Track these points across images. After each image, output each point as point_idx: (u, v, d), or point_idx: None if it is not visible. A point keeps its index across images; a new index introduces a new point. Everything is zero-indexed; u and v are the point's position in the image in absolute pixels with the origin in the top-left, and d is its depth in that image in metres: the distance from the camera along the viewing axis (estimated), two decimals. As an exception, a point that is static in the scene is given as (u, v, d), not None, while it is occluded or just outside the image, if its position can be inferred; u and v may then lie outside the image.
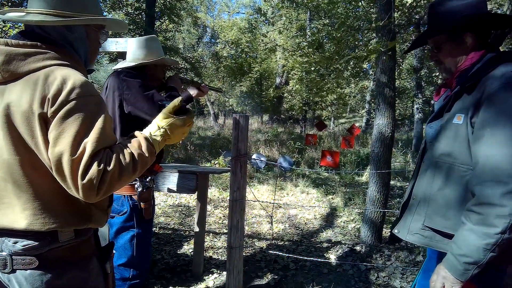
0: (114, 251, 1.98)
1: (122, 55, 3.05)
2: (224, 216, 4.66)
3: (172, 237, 3.80)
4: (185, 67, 15.98)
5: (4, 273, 0.99)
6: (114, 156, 0.95)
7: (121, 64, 2.09)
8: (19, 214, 0.97)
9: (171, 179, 2.86)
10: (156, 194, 5.49)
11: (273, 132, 13.95)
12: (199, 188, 2.90)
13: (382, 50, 3.38)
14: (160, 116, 1.12)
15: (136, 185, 1.91)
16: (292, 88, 14.31)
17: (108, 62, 14.41)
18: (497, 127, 1.06)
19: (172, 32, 15.75)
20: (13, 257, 0.98)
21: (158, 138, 1.08)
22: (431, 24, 1.36)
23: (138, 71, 2.01)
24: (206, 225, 3.66)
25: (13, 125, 0.94)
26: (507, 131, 1.04)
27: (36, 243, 0.98)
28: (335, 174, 7.10)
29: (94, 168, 0.91)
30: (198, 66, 16.44)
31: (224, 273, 2.83)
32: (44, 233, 0.99)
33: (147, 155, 1.02)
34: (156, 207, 4.93)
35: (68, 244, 1.04)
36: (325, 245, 3.68)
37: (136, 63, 2.01)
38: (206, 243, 3.50)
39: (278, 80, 18.67)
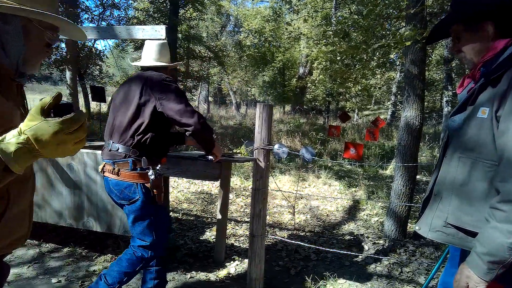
0: (132, 235, 2.05)
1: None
2: (245, 204, 4.69)
3: (194, 223, 3.87)
4: (208, 55, 16.02)
5: None
6: None
7: (147, 62, 2.17)
8: None
9: (196, 166, 2.89)
10: (179, 181, 5.59)
11: (295, 122, 13.84)
12: (222, 176, 2.91)
13: (418, 38, 3.24)
14: (27, 117, 0.77)
15: (149, 173, 1.98)
16: (316, 78, 14.10)
17: (133, 50, 14.64)
18: None
19: (196, 20, 15.78)
20: None
21: (12, 148, 0.74)
22: (451, 12, 1.29)
23: (159, 71, 2.13)
24: (228, 213, 3.69)
25: None
26: None
27: None
28: (359, 167, 6.99)
29: None
30: (221, 55, 16.44)
31: (246, 260, 2.86)
32: None
33: None
34: (179, 194, 5.02)
35: None
36: (347, 237, 3.64)
37: (164, 64, 2.16)
38: (228, 231, 3.54)
39: (301, 70, 18.41)
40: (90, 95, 8.97)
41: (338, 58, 8.07)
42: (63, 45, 10.12)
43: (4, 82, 0.93)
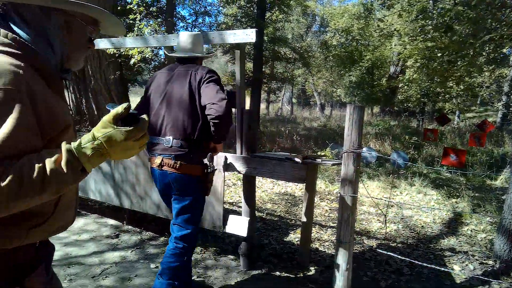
0: (175, 224, 2.18)
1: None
2: (330, 209, 4.55)
3: (278, 224, 3.88)
4: (293, 57, 16.04)
5: None
6: (13, 169, 0.76)
7: (182, 53, 2.26)
8: None
9: (282, 168, 2.88)
10: (263, 180, 5.69)
11: (384, 125, 12.99)
12: (308, 179, 2.85)
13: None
14: (99, 124, 0.88)
15: (209, 169, 2.14)
16: (409, 78, 13.01)
17: (222, 54, 15.42)
18: None
19: (282, 22, 15.92)
20: None
21: (88, 152, 0.84)
22: None
23: (194, 62, 2.27)
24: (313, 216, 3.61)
25: None
26: None
27: None
28: (461, 175, 6.21)
29: None
30: (306, 56, 16.31)
31: (331, 267, 2.75)
32: None
33: (65, 171, 0.81)
34: (263, 194, 5.11)
35: None
36: (447, 253, 3.25)
37: (199, 55, 2.27)
38: (312, 234, 3.46)
39: (392, 69, 17.21)
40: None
41: (439, 54, 7.30)
42: (161, 52, 11.21)
43: (56, 81, 0.95)
